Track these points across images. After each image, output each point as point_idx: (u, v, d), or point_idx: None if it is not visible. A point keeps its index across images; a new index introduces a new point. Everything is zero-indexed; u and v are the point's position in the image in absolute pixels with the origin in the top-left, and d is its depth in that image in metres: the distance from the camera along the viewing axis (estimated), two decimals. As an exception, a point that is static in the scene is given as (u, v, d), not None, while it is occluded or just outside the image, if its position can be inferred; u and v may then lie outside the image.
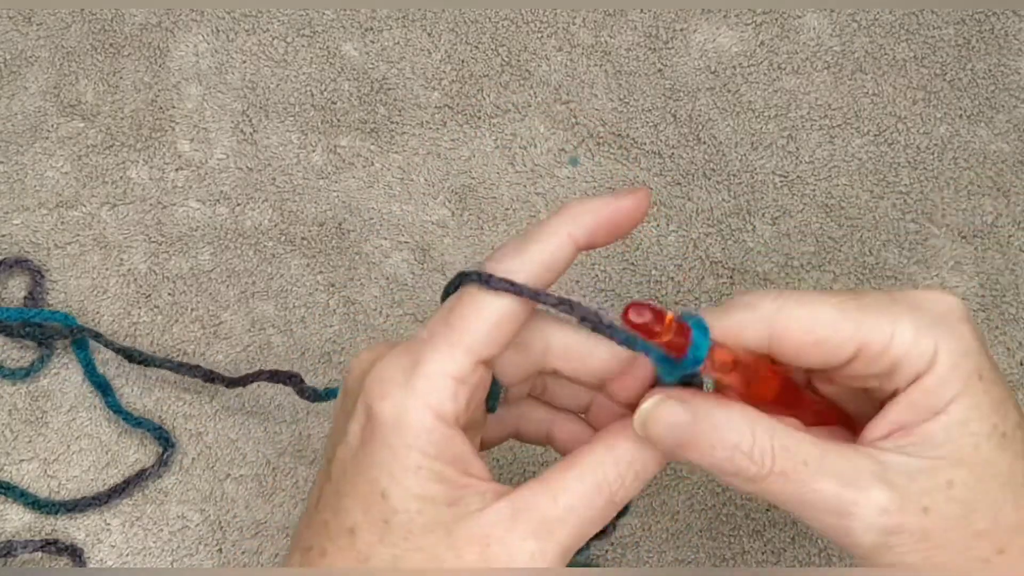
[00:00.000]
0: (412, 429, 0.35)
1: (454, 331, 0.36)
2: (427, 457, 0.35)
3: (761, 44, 0.63)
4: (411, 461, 0.35)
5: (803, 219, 0.59)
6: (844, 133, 0.61)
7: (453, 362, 0.36)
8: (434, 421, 0.35)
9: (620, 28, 0.63)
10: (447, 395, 0.36)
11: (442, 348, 0.36)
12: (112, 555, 0.54)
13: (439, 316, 0.37)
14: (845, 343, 0.36)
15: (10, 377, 0.56)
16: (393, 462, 0.35)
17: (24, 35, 0.63)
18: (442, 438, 0.36)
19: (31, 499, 0.54)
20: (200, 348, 0.57)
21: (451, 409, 0.36)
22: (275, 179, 0.60)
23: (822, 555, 0.54)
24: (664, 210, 0.60)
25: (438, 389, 0.35)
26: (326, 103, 0.62)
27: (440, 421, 0.35)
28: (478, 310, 0.36)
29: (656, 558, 0.54)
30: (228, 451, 0.56)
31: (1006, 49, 0.62)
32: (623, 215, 0.38)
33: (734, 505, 0.55)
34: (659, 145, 0.61)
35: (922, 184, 0.60)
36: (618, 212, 0.37)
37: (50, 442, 0.56)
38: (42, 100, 0.62)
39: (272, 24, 0.63)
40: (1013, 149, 0.61)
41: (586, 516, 0.36)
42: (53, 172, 0.60)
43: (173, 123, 0.61)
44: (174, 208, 0.60)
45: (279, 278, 0.59)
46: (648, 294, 0.58)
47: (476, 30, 0.63)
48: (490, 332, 0.36)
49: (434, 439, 0.35)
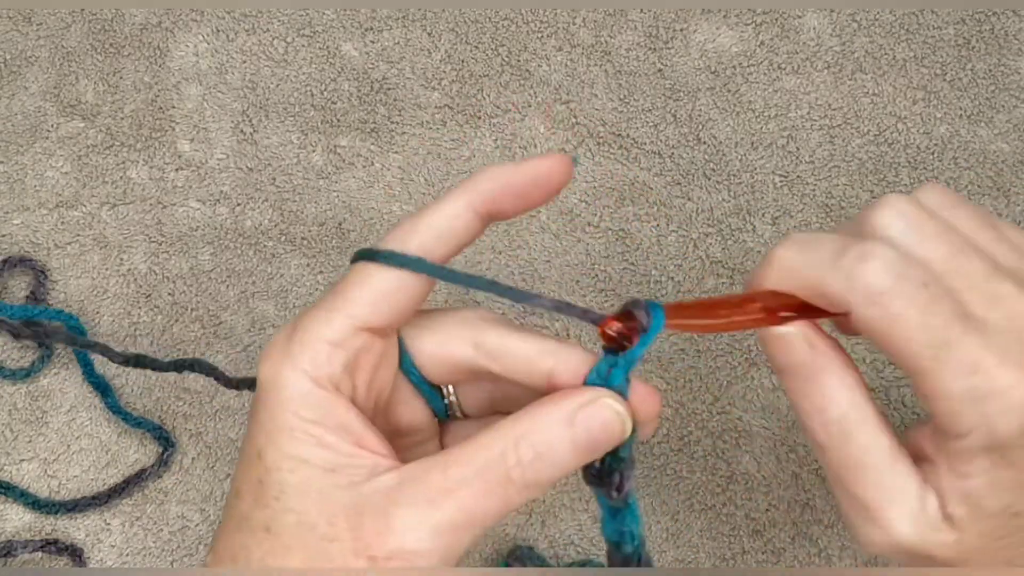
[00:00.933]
0: (286, 390, 0.35)
1: (335, 299, 0.36)
2: (302, 420, 0.35)
3: (761, 44, 0.63)
4: (284, 421, 0.35)
5: (803, 219, 0.59)
6: (844, 133, 0.61)
7: (328, 326, 0.36)
8: (309, 384, 0.35)
9: (620, 28, 0.63)
10: (322, 358, 0.35)
11: (319, 314, 0.36)
12: (112, 555, 0.54)
13: (328, 290, 0.37)
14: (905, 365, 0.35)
15: (10, 377, 0.56)
16: (269, 422, 0.35)
17: (24, 35, 0.63)
18: (320, 402, 0.35)
19: (31, 499, 0.54)
20: (200, 348, 0.57)
21: (326, 372, 0.35)
22: (275, 179, 0.60)
23: (822, 555, 0.54)
24: (664, 210, 0.60)
25: (313, 352, 0.35)
26: (326, 103, 0.62)
27: (316, 385, 0.35)
28: (361, 280, 0.36)
29: (656, 558, 0.54)
30: (228, 451, 0.56)
31: (1006, 49, 0.62)
32: (531, 180, 0.36)
33: (734, 505, 0.55)
34: (659, 145, 0.61)
35: (922, 184, 0.60)
36: (525, 177, 0.36)
37: (50, 442, 0.56)
38: (42, 100, 0.62)
39: (272, 24, 0.63)
40: (1013, 149, 0.61)
41: (477, 489, 0.34)
42: (53, 172, 0.60)
43: (173, 123, 0.61)
44: (174, 208, 0.60)
45: (279, 278, 0.59)
46: (648, 294, 0.58)
47: (476, 30, 0.63)
48: (373, 300, 0.36)
49: (310, 402, 0.35)
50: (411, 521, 0.33)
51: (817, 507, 0.54)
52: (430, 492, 0.34)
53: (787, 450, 0.55)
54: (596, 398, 0.35)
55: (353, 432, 0.35)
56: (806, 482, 0.55)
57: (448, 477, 0.34)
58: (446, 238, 0.36)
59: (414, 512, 0.34)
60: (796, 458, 0.55)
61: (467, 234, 0.37)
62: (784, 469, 0.55)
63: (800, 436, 0.55)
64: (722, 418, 0.56)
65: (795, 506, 0.55)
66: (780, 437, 0.55)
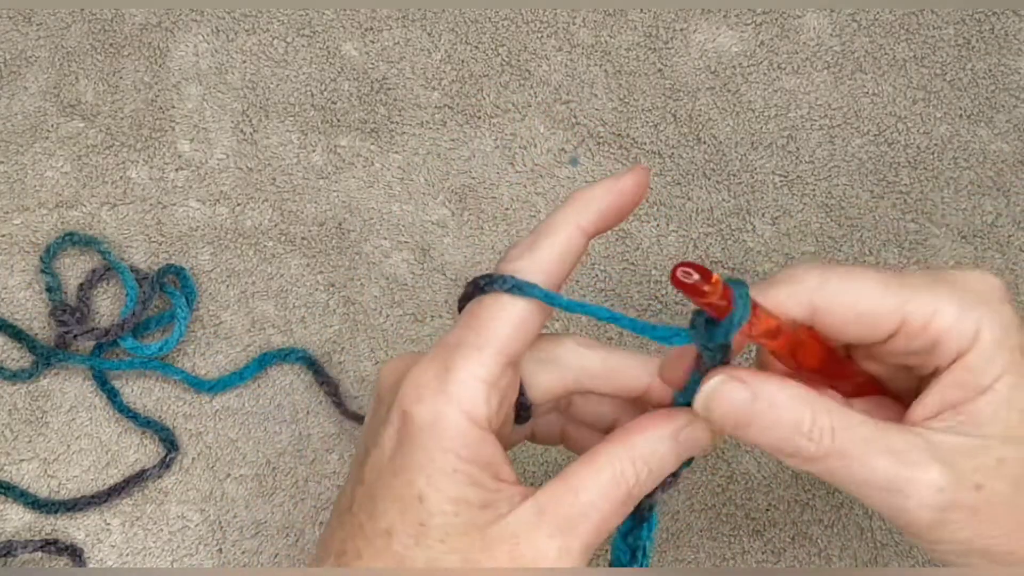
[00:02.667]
0: (448, 432, 0.36)
1: (480, 336, 0.37)
2: (462, 460, 0.36)
3: (761, 44, 0.63)
4: (447, 464, 0.36)
5: (803, 219, 0.59)
6: (844, 133, 0.61)
7: (483, 366, 0.37)
8: (468, 424, 0.36)
9: (620, 28, 0.63)
10: (480, 399, 0.36)
11: (472, 353, 0.37)
12: (112, 555, 0.54)
13: (464, 322, 0.38)
14: (887, 318, 0.36)
15: (10, 377, 0.56)
16: (429, 465, 0.36)
17: (24, 35, 0.63)
18: (475, 441, 0.36)
19: (31, 499, 0.54)
20: (200, 348, 0.57)
21: (484, 412, 0.37)
22: (275, 179, 0.60)
23: (822, 555, 0.54)
24: (664, 210, 0.60)
25: (471, 393, 0.36)
26: (326, 103, 0.62)
27: (474, 425, 0.36)
28: (500, 313, 0.37)
29: (656, 558, 0.54)
30: (228, 451, 0.56)
31: (1006, 49, 0.62)
32: (627, 197, 0.39)
33: (734, 505, 0.55)
34: (659, 145, 0.61)
35: (922, 184, 0.60)
36: (622, 196, 0.38)
37: (50, 442, 0.56)
38: (42, 100, 0.62)
39: (272, 24, 0.63)
40: (1013, 149, 0.61)
41: (606, 511, 0.37)
42: (53, 172, 0.60)
43: (173, 123, 0.61)
44: (174, 208, 0.60)
45: (279, 278, 0.59)
46: (648, 294, 0.58)
47: (476, 30, 0.63)
48: (513, 334, 0.37)
49: (468, 442, 0.36)
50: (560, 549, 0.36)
51: (817, 507, 0.54)
52: (569, 519, 0.36)
53: (787, 450, 0.55)
54: (695, 419, 0.38)
55: (495, 465, 0.37)
56: (806, 482, 0.55)
57: (579, 502, 0.36)
58: (565, 261, 0.38)
59: (561, 540, 0.36)
60: (796, 458, 0.55)
61: (579, 255, 0.39)
62: (784, 469, 0.55)
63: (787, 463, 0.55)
64: (722, 418, 0.56)
65: (795, 506, 0.55)
66: (780, 437, 0.55)
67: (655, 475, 0.38)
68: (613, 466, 0.37)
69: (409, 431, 0.36)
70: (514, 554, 0.36)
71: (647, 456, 0.37)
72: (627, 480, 0.37)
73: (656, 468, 0.38)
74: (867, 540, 0.54)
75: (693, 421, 0.38)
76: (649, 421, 0.38)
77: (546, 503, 0.36)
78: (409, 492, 0.36)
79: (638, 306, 0.58)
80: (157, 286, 0.56)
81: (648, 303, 0.58)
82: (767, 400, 0.36)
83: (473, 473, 0.36)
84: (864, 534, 0.54)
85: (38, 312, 0.58)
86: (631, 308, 0.58)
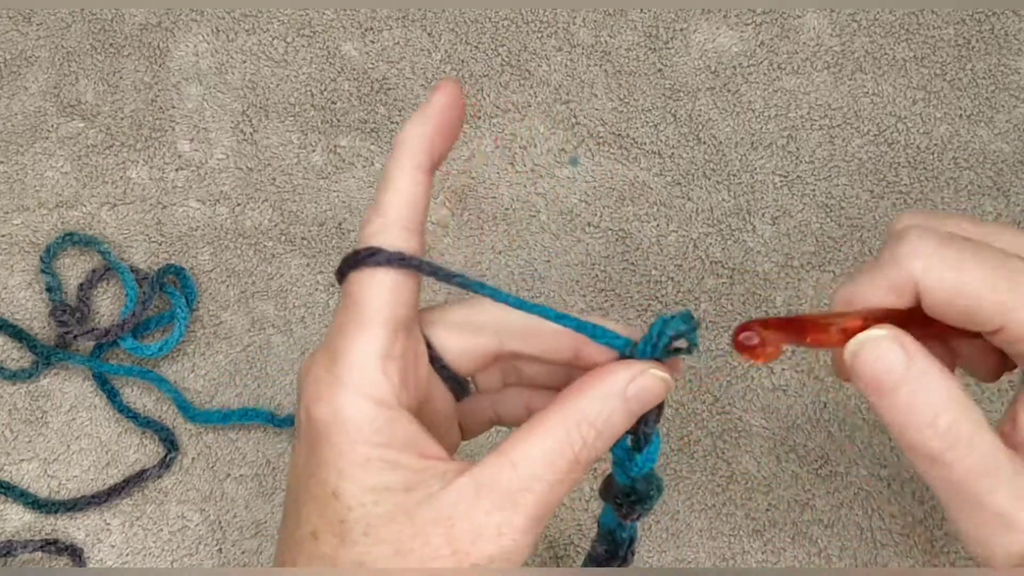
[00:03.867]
0: (353, 422, 0.34)
1: (359, 311, 0.35)
2: (374, 447, 0.34)
3: (761, 44, 0.63)
4: (357, 455, 0.34)
5: (803, 219, 0.59)
6: (844, 133, 0.61)
7: (369, 341, 0.35)
8: (373, 407, 0.34)
9: (620, 28, 0.63)
10: (377, 375, 0.35)
11: (353, 332, 0.35)
12: (112, 555, 0.54)
13: (340, 307, 0.36)
14: (989, 319, 0.34)
15: (10, 377, 0.56)
16: (340, 459, 0.34)
17: (24, 35, 0.63)
18: (386, 423, 0.35)
19: (31, 499, 0.54)
20: (200, 348, 0.57)
21: (386, 388, 0.35)
22: (275, 179, 0.60)
23: (822, 555, 0.54)
24: (664, 210, 0.60)
25: (366, 372, 0.35)
26: (326, 103, 0.62)
27: (379, 406, 0.35)
28: (371, 286, 0.35)
29: (656, 558, 0.54)
30: (228, 451, 0.56)
31: (1006, 49, 0.62)
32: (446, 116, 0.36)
33: (734, 505, 0.55)
34: (659, 145, 0.61)
35: (922, 184, 0.60)
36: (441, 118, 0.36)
37: (50, 442, 0.56)
38: (42, 100, 0.62)
39: (272, 24, 0.63)
40: (1013, 149, 0.61)
41: (551, 481, 0.35)
42: (53, 172, 0.60)
43: (173, 123, 0.61)
44: (174, 208, 0.60)
45: (279, 278, 0.59)
46: (648, 294, 0.58)
47: (476, 30, 0.63)
48: (391, 299, 0.35)
49: (377, 426, 0.34)
50: (501, 525, 0.34)
51: (817, 507, 0.54)
52: (510, 492, 0.34)
53: (787, 450, 0.55)
54: (644, 369, 0.35)
55: (417, 444, 0.35)
56: (806, 482, 0.55)
57: (520, 474, 0.34)
58: (417, 206, 0.36)
59: (501, 515, 0.34)
60: (796, 458, 0.55)
61: (427, 194, 0.36)
62: (784, 469, 0.55)
63: (800, 436, 0.55)
64: (722, 418, 0.56)
65: (795, 506, 0.55)
66: (780, 437, 0.55)
67: (605, 437, 0.35)
68: (555, 433, 0.35)
69: (316, 430, 0.35)
70: (450, 535, 0.34)
71: (592, 418, 0.35)
72: (572, 446, 0.35)
73: (605, 429, 0.35)
74: (867, 540, 0.54)
75: (643, 372, 0.35)
76: (591, 380, 0.36)
77: (483, 478, 0.34)
78: (323, 491, 0.34)
79: (638, 306, 0.58)
80: (157, 286, 0.56)
81: (648, 303, 0.58)
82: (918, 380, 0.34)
83: (389, 456, 0.34)
84: (864, 534, 0.54)
85: (38, 312, 0.58)
86: (631, 308, 0.58)
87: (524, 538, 0.34)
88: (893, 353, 0.34)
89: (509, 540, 0.34)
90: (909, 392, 0.34)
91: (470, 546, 0.34)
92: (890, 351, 0.34)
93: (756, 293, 0.58)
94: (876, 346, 0.34)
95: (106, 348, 0.57)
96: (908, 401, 0.34)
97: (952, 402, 0.34)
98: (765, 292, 0.58)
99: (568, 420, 0.35)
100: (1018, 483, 0.34)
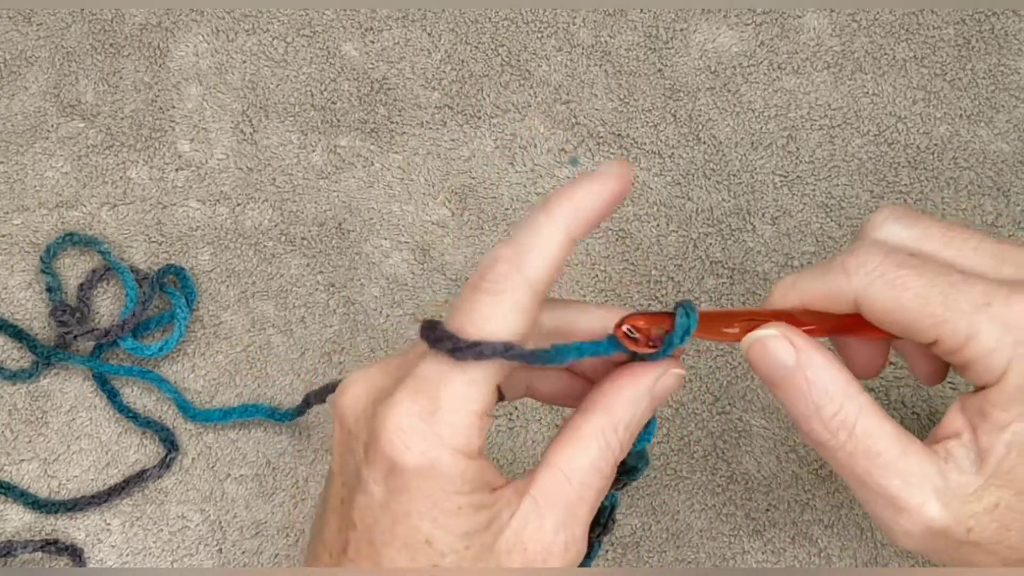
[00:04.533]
0: (448, 477, 0.35)
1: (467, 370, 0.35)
2: (465, 495, 0.36)
3: (761, 44, 0.63)
4: (450, 504, 0.35)
5: (803, 219, 0.59)
6: (844, 133, 0.61)
7: (477, 401, 0.35)
8: (466, 461, 0.35)
9: (620, 28, 0.63)
10: (474, 433, 0.36)
11: (463, 389, 0.35)
12: (112, 555, 0.54)
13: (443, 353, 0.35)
14: (924, 332, 0.37)
15: (10, 377, 0.56)
16: (433, 509, 0.35)
17: (24, 35, 0.63)
18: (475, 473, 0.36)
19: (31, 499, 0.54)
20: (200, 348, 0.57)
21: (478, 444, 0.36)
22: (275, 179, 0.60)
23: (822, 555, 0.54)
24: (664, 210, 0.60)
25: (465, 429, 0.35)
26: (326, 103, 0.62)
27: (471, 459, 0.36)
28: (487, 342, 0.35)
29: (656, 558, 0.54)
30: (228, 451, 0.56)
31: (1006, 49, 0.62)
32: (615, 197, 0.37)
33: (734, 505, 0.55)
34: (659, 145, 0.61)
35: (922, 184, 0.60)
36: (604, 198, 0.37)
37: (50, 442, 0.56)
38: (42, 100, 0.62)
39: (272, 24, 0.63)
40: (1013, 149, 0.61)
41: (598, 487, 0.37)
42: (53, 172, 0.60)
43: (173, 123, 0.61)
44: (174, 208, 0.60)
45: (279, 278, 0.59)
46: (648, 294, 0.58)
47: (476, 30, 0.63)
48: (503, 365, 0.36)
49: (468, 477, 0.36)
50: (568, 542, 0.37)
51: (817, 507, 0.54)
52: (568, 506, 0.37)
53: (787, 450, 0.55)
54: (666, 369, 0.38)
55: (489, 481, 0.37)
56: (806, 482, 0.55)
57: (573, 488, 0.37)
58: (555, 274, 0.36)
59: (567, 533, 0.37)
60: (796, 458, 0.55)
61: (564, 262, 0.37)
62: (784, 469, 0.55)
63: (800, 436, 0.55)
64: (722, 418, 0.56)
65: (795, 506, 0.55)
66: (780, 437, 0.55)
67: (634, 434, 0.38)
68: (598, 439, 0.37)
69: (402, 479, 0.35)
70: (525, 559, 0.36)
71: (627, 421, 0.37)
72: (612, 452, 0.37)
73: (635, 428, 0.38)
74: (867, 540, 0.54)
75: (665, 373, 0.38)
76: (621, 382, 0.38)
77: (542, 497, 0.37)
78: (415, 538, 0.35)
79: (638, 306, 0.58)
80: (157, 286, 0.56)
81: (648, 303, 0.58)
82: (805, 373, 0.37)
83: (475, 502, 0.36)
84: (864, 534, 0.54)
85: (38, 312, 0.58)
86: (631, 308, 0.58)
87: (583, 543, 0.37)
88: (783, 349, 0.37)
89: (574, 553, 0.37)
90: (797, 384, 0.37)
91: (542, 564, 0.36)
92: (779, 348, 0.37)
93: (756, 293, 0.58)
94: (766, 343, 0.37)
95: (106, 348, 0.57)
96: (796, 393, 0.37)
97: (838, 392, 0.37)
98: (765, 292, 0.58)
99: (607, 426, 0.37)
100: (903, 466, 0.36)
